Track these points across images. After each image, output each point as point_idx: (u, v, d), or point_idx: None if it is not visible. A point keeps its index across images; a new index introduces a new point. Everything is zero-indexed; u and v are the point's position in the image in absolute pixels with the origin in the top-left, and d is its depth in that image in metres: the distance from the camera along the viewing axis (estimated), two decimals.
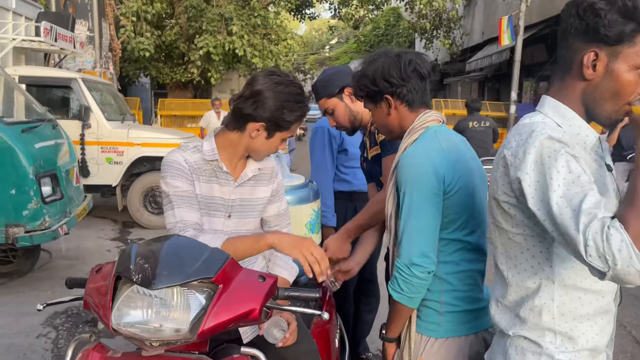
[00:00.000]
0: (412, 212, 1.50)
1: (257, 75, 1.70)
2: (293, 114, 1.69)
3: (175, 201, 1.68)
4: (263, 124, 1.68)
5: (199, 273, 1.32)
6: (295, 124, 1.73)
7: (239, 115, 1.70)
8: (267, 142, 1.74)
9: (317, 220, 2.22)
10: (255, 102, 1.65)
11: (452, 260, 1.58)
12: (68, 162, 5.05)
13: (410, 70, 1.61)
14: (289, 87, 1.68)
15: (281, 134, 1.74)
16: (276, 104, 1.65)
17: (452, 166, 1.53)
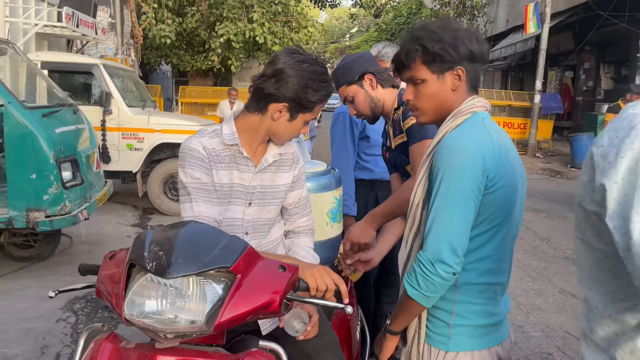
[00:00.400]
0: (448, 202, 1.36)
1: (278, 53, 1.62)
2: (317, 93, 1.60)
3: (194, 194, 1.61)
4: (286, 104, 1.60)
5: (216, 262, 1.26)
6: (320, 105, 1.65)
7: (260, 96, 1.61)
8: (290, 125, 1.66)
9: (339, 209, 2.14)
10: (278, 81, 1.57)
11: (474, 268, 1.43)
12: (89, 147, 5.05)
13: (485, 49, 1.47)
14: (313, 65, 1.60)
15: (304, 116, 1.65)
16: (300, 82, 1.56)
17: (498, 160, 1.37)
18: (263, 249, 1.78)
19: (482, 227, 1.40)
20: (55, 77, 7.24)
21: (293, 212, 1.87)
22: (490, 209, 1.39)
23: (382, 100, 2.15)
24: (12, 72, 5.51)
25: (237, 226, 1.71)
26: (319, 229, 2.09)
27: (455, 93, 1.50)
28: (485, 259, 1.42)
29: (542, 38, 13.48)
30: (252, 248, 1.34)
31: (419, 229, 1.49)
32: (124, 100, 7.18)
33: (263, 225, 1.76)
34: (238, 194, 1.69)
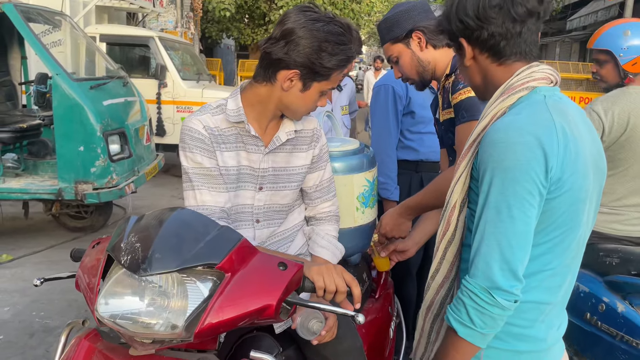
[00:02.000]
0: (502, 213, 1.06)
1: (289, 12, 1.37)
2: (334, 58, 1.35)
3: (196, 181, 1.43)
4: (297, 71, 1.35)
5: (201, 257, 1.07)
6: (338, 72, 1.39)
7: (268, 62, 1.38)
8: (303, 96, 1.41)
9: (372, 192, 1.90)
10: (287, 43, 1.33)
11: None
12: (139, 120, 5.03)
13: (494, 5, 1.15)
14: (329, 24, 1.34)
15: (319, 85, 1.40)
16: (313, 44, 1.32)
17: (565, 155, 1.08)
18: (277, 238, 1.58)
19: (539, 239, 1.11)
20: (115, 50, 7.37)
21: (314, 197, 1.64)
22: (551, 217, 1.10)
23: (433, 64, 1.81)
24: (69, 45, 5.58)
25: (246, 213, 1.52)
26: (348, 215, 1.86)
27: (478, 68, 1.24)
28: (536, 274, 1.14)
29: (627, 5, 12.29)
30: (246, 241, 1.14)
31: (454, 235, 1.22)
32: (179, 73, 7.17)
33: (277, 211, 1.56)
34: (247, 177, 1.49)
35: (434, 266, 1.30)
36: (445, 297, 1.30)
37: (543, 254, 1.13)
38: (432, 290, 1.31)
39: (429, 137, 2.52)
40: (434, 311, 1.32)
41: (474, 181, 1.19)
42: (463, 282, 1.12)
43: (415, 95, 2.50)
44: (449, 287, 1.29)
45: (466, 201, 1.22)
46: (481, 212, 1.11)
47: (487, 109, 1.21)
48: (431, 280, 1.31)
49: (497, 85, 1.21)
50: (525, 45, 1.20)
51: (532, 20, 1.18)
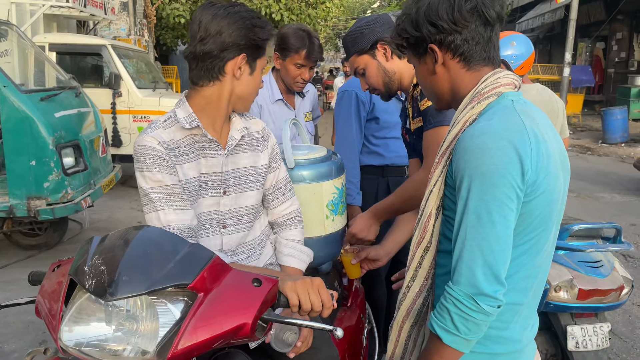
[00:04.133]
0: (482, 218, 1.06)
1: (200, 12, 1.39)
2: (264, 29, 1.43)
3: (158, 201, 1.37)
4: (244, 55, 1.40)
5: (171, 278, 1.02)
6: (267, 41, 1.46)
7: (210, 61, 1.38)
8: (253, 78, 1.47)
9: (342, 200, 1.88)
10: (220, 34, 1.36)
11: None
12: (93, 131, 4.87)
13: (468, 9, 1.15)
14: (241, 6, 1.43)
15: (260, 62, 1.48)
16: (245, 24, 1.39)
17: (538, 157, 1.08)
18: (247, 247, 1.55)
19: (517, 241, 1.12)
20: (65, 60, 7.11)
21: (271, 198, 1.63)
22: (528, 219, 1.11)
23: (399, 74, 1.83)
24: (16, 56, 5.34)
25: (212, 220, 1.48)
26: (318, 223, 1.83)
27: (448, 74, 1.23)
28: (512, 276, 1.14)
29: (572, 7, 12.78)
30: (218, 259, 1.10)
31: (430, 243, 1.21)
32: (134, 82, 6.99)
33: (244, 215, 1.53)
34: (209, 184, 1.46)
35: (409, 275, 1.29)
36: (423, 306, 1.29)
37: (520, 255, 1.14)
38: (409, 299, 1.30)
39: (394, 142, 2.53)
40: (411, 320, 1.31)
41: (449, 188, 1.19)
42: (446, 288, 1.11)
43: (379, 101, 2.50)
44: (425, 295, 1.29)
45: (441, 208, 1.22)
46: (461, 218, 1.10)
47: (457, 117, 1.21)
48: (407, 289, 1.30)
49: (465, 92, 1.22)
50: (494, 50, 1.21)
51: (498, 25, 1.20)
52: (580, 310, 2.37)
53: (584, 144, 11.64)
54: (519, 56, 2.84)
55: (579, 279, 2.33)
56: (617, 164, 9.65)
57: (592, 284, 2.33)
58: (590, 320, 2.42)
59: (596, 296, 2.33)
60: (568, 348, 2.36)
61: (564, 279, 2.31)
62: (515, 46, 2.83)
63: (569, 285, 2.31)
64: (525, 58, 2.84)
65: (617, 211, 6.32)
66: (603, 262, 2.43)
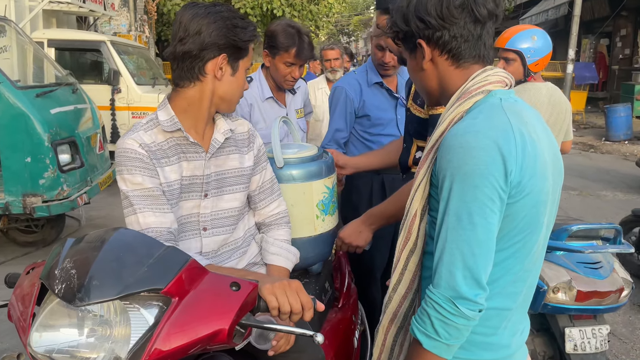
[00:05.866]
0: (462, 220, 1.03)
1: (181, 12, 1.38)
2: (246, 30, 1.40)
3: (138, 204, 1.34)
4: (224, 55, 1.37)
5: (144, 282, 0.98)
6: (250, 43, 1.43)
7: (190, 60, 1.36)
8: (235, 79, 1.43)
9: (332, 199, 1.84)
10: (200, 34, 1.34)
11: None
12: (90, 128, 4.83)
13: (457, 5, 1.11)
14: (222, 6, 1.39)
15: (244, 63, 1.44)
16: (225, 24, 1.36)
17: (524, 158, 1.04)
18: (229, 247, 1.52)
19: (502, 244, 1.08)
20: (65, 56, 7.07)
21: (258, 199, 1.60)
22: (513, 222, 1.07)
23: None
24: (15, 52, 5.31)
25: (192, 223, 1.45)
26: (308, 224, 1.79)
27: (436, 71, 1.20)
28: (498, 280, 1.11)
29: (576, 3, 12.68)
30: (195, 262, 1.06)
31: (415, 244, 1.18)
32: (133, 78, 6.94)
33: (226, 218, 1.49)
34: (191, 187, 1.43)
35: (395, 277, 1.25)
36: (409, 309, 1.26)
37: (506, 259, 1.11)
38: (395, 302, 1.26)
39: (388, 139, 2.50)
40: (397, 324, 1.28)
41: (434, 188, 1.15)
42: (427, 292, 1.08)
43: (370, 98, 2.49)
44: (412, 299, 1.25)
45: (427, 209, 1.19)
46: (442, 219, 1.07)
47: (444, 115, 1.17)
48: (393, 292, 1.26)
49: (453, 90, 1.19)
50: (484, 48, 1.18)
51: (490, 22, 1.17)
52: (579, 312, 2.32)
53: (587, 142, 11.55)
54: (537, 51, 2.74)
55: (578, 280, 2.28)
56: (620, 162, 9.57)
57: (591, 286, 2.29)
58: (589, 322, 2.38)
59: (595, 298, 2.29)
60: (566, 350, 2.31)
61: (563, 280, 2.27)
62: (535, 41, 2.73)
63: (568, 286, 2.27)
64: (543, 55, 2.75)
65: (619, 209, 6.25)
66: (602, 263, 2.38)
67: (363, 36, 37.83)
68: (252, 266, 1.59)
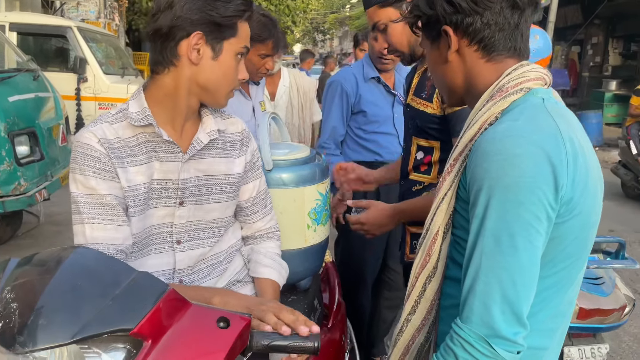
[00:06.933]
0: (503, 242, 0.85)
1: None
2: (230, 4, 1.13)
3: (87, 212, 1.11)
4: (198, 33, 1.11)
5: (108, 321, 0.76)
6: (241, 20, 1.16)
7: (162, 41, 1.12)
8: (218, 64, 1.15)
9: (325, 207, 1.65)
10: (172, 7, 1.09)
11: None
12: (52, 118, 4.50)
13: None
14: None
15: (230, 45, 1.15)
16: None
17: (576, 170, 0.88)
18: (209, 263, 1.29)
19: (544, 272, 0.90)
20: (28, 41, 6.67)
21: (251, 211, 1.38)
22: (560, 245, 0.90)
23: None
24: None
25: (163, 234, 1.22)
26: (298, 234, 1.59)
27: (462, 63, 1.02)
28: (536, 315, 0.93)
29: (552, 9, 12.78)
30: (174, 292, 0.84)
31: (435, 268, 1.00)
32: (101, 67, 6.60)
33: (204, 229, 1.27)
34: (163, 192, 1.20)
35: (409, 306, 1.07)
36: (425, 344, 1.08)
37: (546, 289, 0.94)
38: (407, 334, 1.08)
39: (384, 138, 2.35)
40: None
41: (461, 202, 0.98)
42: (454, 327, 0.90)
43: (366, 93, 2.31)
44: (428, 332, 1.07)
45: (450, 227, 1.00)
46: (475, 241, 0.89)
47: (473, 116, 1.00)
48: (405, 323, 1.08)
49: (482, 87, 1.01)
50: (521, 39, 1.01)
51: (529, 10, 0.99)
52: (579, 330, 2.18)
53: None
54: (538, 51, 2.64)
55: (580, 297, 2.14)
56: None
57: (593, 303, 2.15)
58: (588, 340, 2.24)
59: (597, 316, 2.15)
60: None
61: None
62: (537, 40, 2.63)
63: None
64: (543, 57, 2.67)
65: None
66: (604, 279, 2.25)
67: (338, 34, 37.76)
68: (234, 284, 1.37)
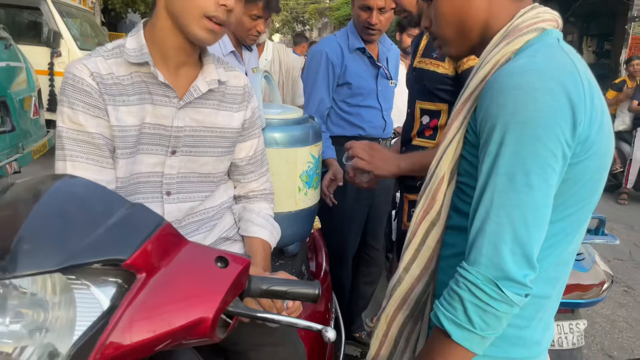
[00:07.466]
0: (518, 180, 0.81)
1: None
2: None
3: (71, 149, 1.06)
4: None
5: (99, 250, 0.70)
6: None
7: None
8: None
9: (317, 171, 1.60)
10: None
11: None
12: (24, 89, 4.34)
13: None
14: None
15: None
16: None
17: (593, 108, 0.85)
18: (197, 217, 1.24)
19: (554, 215, 0.87)
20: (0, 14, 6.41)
21: (247, 171, 1.32)
22: (573, 187, 0.87)
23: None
24: None
25: (152, 183, 1.16)
26: (289, 197, 1.54)
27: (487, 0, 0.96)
28: (542, 262, 0.89)
29: None
30: (170, 227, 0.78)
31: (439, 215, 0.97)
32: (76, 41, 6.37)
33: (195, 182, 1.22)
34: (154, 138, 1.14)
35: (408, 254, 1.03)
36: (422, 294, 1.04)
37: (554, 235, 0.91)
38: (406, 284, 1.04)
39: (368, 111, 2.28)
40: (406, 312, 1.06)
41: (469, 147, 0.94)
42: (460, 270, 0.86)
43: (352, 64, 2.25)
44: (427, 282, 1.04)
45: (455, 173, 0.97)
46: (486, 181, 0.85)
47: (485, 56, 0.96)
48: (404, 272, 1.04)
49: (499, 28, 0.97)
50: None
51: None
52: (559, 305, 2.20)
53: None
54: None
55: None
56: None
57: (573, 278, 2.16)
58: (567, 316, 2.26)
59: (577, 291, 2.17)
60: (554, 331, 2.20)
61: None
62: None
63: None
64: None
65: None
66: (584, 255, 2.27)
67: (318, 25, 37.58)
68: (223, 241, 1.31)
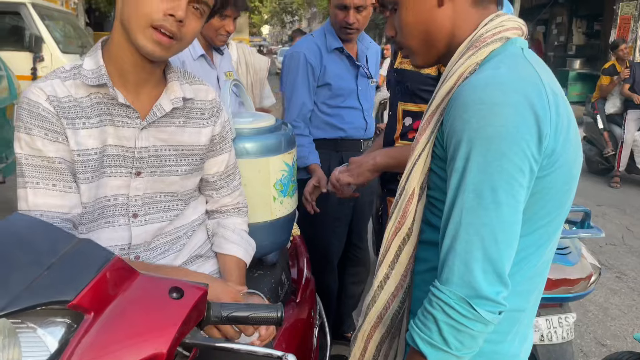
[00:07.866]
0: (485, 196, 0.80)
1: None
2: None
3: (31, 175, 1.02)
4: None
5: (43, 292, 0.68)
6: None
7: None
8: None
9: (292, 178, 1.58)
10: None
11: None
12: (6, 98, 4.30)
13: None
14: None
15: None
16: None
17: (559, 120, 0.84)
18: (167, 238, 1.21)
19: (524, 229, 0.86)
20: None
21: (219, 186, 1.30)
22: (541, 200, 0.86)
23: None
24: None
25: (118, 207, 1.13)
26: (264, 207, 1.52)
27: (453, 8, 0.94)
28: (514, 275, 0.88)
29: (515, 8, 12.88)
30: (120, 261, 0.76)
31: (410, 230, 0.95)
32: (58, 45, 6.31)
33: (163, 203, 1.19)
34: (117, 160, 1.11)
35: (382, 272, 1.01)
36: (398, 311, 1.03)
37: (525, 248, 0.90)
38: (381, 302, 1.03)
39: (348, 112, 2.25)
40: (382, 330, 1.04)
41: (437, 161, 0.93)
42: (432, 290, 0.85)
43: (331, 65, 2.21)
44: (402, 298, 1.02)
45: (425, 187, 0.95)
46: (454, 197, 0.84)
47: (450, 68, 0.94)
48: (379, 290, 1.02)
49: (464, 37, 0.94)
50: None
51: None
52: (546, 301, 2.19)
53: None
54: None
55: None
56: None
57: (560, 273, 2.16)
58: (555, 310, 2.25)
59: (564, 286, 2.16)
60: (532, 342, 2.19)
61: None
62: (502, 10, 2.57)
63: None
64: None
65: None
66: (571, 249, 2.26)
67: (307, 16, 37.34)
68: (195, 259, 1.29)
